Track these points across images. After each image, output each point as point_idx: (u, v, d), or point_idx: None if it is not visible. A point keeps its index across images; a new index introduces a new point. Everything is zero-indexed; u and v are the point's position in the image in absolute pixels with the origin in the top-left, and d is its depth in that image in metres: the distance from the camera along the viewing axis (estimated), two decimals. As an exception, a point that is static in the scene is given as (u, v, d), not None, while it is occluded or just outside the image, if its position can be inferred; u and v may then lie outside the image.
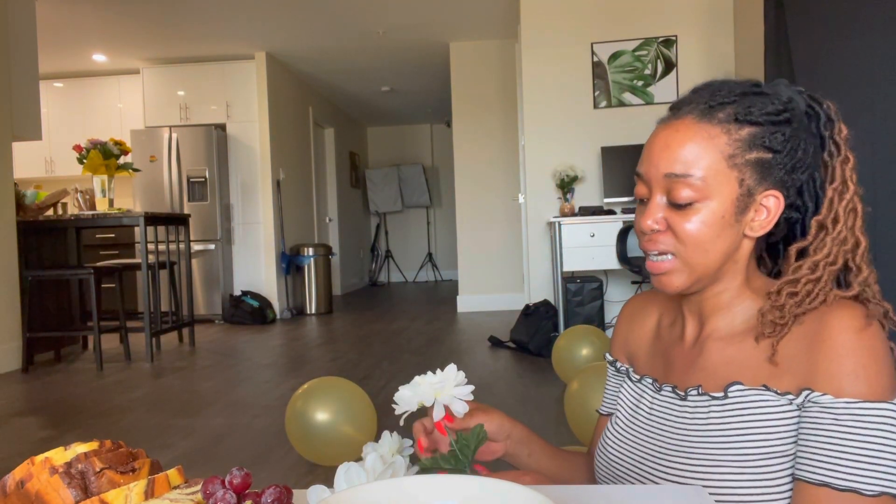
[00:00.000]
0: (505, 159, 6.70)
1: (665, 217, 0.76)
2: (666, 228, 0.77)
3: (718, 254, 0.76)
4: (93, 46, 6.55)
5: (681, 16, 4.92)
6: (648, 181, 0.78)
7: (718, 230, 0.75)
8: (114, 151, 4.57)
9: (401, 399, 0.77)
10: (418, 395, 0.76)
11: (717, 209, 0.74)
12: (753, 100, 0.76)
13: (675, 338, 0.86)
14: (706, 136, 0.75)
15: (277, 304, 6.91)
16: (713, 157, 0.74)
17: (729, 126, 0.75)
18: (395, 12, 5.81)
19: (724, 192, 0.74)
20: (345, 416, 2.29)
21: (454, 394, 0.76)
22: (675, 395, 0.81)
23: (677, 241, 0.76)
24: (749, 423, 0.72)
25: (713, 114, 0.75)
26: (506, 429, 0.86)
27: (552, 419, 2.85)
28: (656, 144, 0.77)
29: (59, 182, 6.95)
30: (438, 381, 0.76)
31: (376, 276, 10.96)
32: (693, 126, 0.75)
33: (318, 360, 4.58)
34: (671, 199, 0.75)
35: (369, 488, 0.56)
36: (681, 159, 0.75)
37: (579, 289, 4.57)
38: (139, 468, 0.62)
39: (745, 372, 0.75)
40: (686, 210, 0.75)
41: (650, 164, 0.77)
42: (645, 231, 0.78)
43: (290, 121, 7.54)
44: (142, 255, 4.60)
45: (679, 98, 0.80)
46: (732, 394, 0.74)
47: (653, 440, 0.81)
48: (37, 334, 4.51)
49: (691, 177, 0.74)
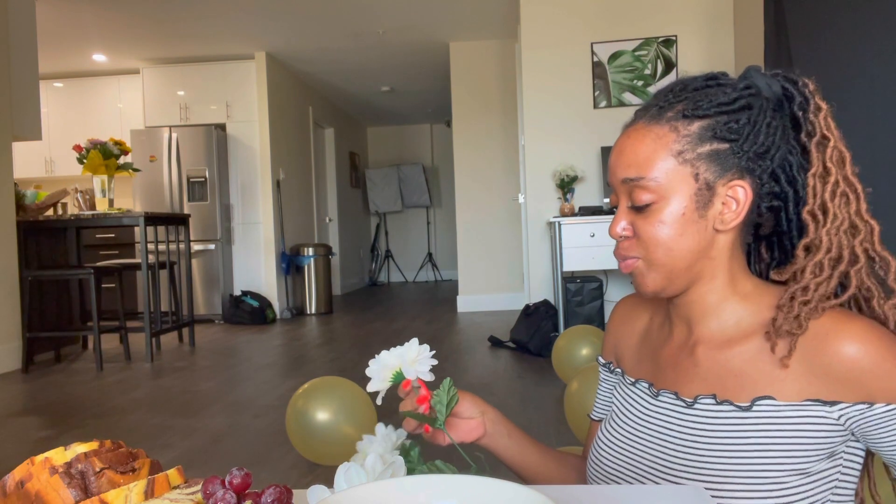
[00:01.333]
0: (505, 159, 6.70)
1: (630, 223, 0.78)
2: (633, 234, 0.78)
3: (685, 251, 0.76)
4: (93, 46, 6.55)
5: (681, 16, 4.92)
6: (614, 188, 0.80)
7: (681, 228, 0.75)
8: (114, 151, 4.57)
9: (372, 374, 0.82)
10: (384, 365, 0.81)
11: (676, 208, 0.75)
12: (705, 93, 0.76)
13: (664, 339, 0.85)
14: (654, 138, 0.75)
15: (277, 304, 6.91)
16: (663, 157, 0.75)
17: (676, 124, 0.75)
18: (395, 12, 5.81)
19: (680, 190, 0.74)
20: (345, 416, 2.29)
21: (418, 363, 0.81)
22: (679, 401, 0.78)
23: (642, 244, 0.77)
24: (775, 439, 0.71)
25: (662, 115, 0.76)
26: (479, 405, 0.88)
27: (552, 419, 2.85)
28: (614, 152, 0.79)
29: (59, 182, 6.95)
30: (400, 350, 0.82)
31: (376, 276, 10.96)
32: (642, 130, 0.77)
33: (318, 360, 4.58)
34: (632, 203, 0.77)
35: (369, 488, 0.56)
36: (633, 163, 0.76)
37: (579, 289, 4.57)
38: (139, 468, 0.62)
39: (764, 384, 0.73)
40: (647, 213, 0.76)
41: (611, 172, 0.80)
42: (614, 238, 0.80)
43: (290, 121, 7.54)
44: (142, 255, 4.60)
45: (643, 103, 0.81)
46: (760, 407, 0.72)
47: (650, 446, 0.80)
48: (37, 334, 4.51)
49: (644, 178, 0.75)
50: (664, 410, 0.80)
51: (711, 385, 0.76)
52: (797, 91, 0.78)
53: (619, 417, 0.86)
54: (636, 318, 0.92)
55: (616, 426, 0.86)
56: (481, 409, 0.88)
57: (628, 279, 0.82)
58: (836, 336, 0.70)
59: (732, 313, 0.78)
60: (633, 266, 0.79)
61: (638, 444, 0.81)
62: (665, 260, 0.76)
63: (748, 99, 0.75)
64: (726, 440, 0.73)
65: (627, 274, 0.80)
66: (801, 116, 0.77)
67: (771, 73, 0.79)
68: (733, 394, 0.74)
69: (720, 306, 0.79)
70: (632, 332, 0.92)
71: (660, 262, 0.76)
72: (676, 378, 0.80)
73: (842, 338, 0.69)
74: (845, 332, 0.70)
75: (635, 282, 0.80)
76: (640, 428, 0.82)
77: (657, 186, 0.75)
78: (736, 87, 0.76)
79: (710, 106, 0.74)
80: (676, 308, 0.82)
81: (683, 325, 0.82)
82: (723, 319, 0.79)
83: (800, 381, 0.71)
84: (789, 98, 0.78)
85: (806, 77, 0.78)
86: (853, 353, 0.68)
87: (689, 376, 0.79)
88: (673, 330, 0.84)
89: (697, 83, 0.77)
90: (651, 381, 0.84)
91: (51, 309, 4.83)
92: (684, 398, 0.78)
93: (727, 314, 0.78)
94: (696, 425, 0.76)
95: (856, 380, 0.69)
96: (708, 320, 0.79)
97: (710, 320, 0.79)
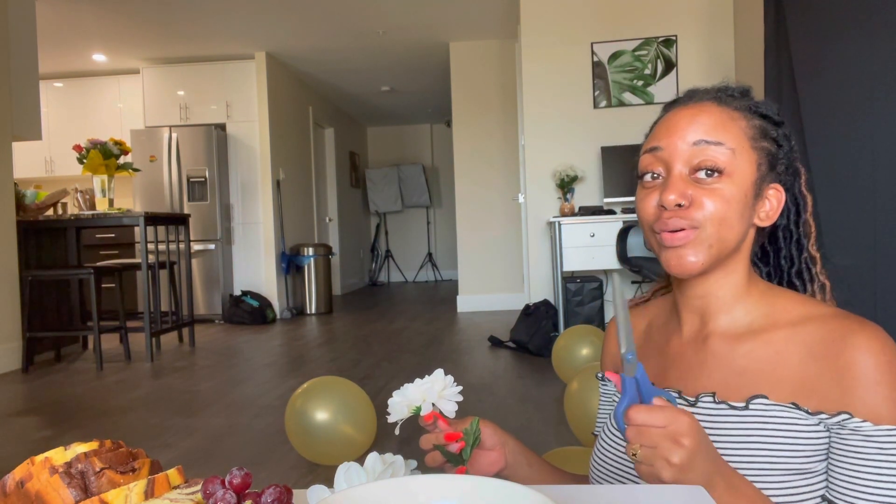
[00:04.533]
0: (505, 159, 6.70)
1: (690, 193, 0.73)
2: (689, 204, 0.73)
3: (738, 234, 0.75)
4: (93, 46, 6.55)
5: (681, 16, 4.92)
6: (670, 154, 0.75)
7: (741, 210, 0.74)
8: (114, 151, 4.57)
9: (393, 406, 0.78)
10: (407, 398, 0.77)
11: (739, 187, 0.74)
12: (752, 99, 0.80)
13: (669, 334, 0.85)
14: (729, 118, 0.76)
15: (277, 304, 6.91)
16: (738, 135, 0.75)
17: (745, 113, 0.77)
18: (395, 12, 5.81)
19: (745, 172, 0.75)
20: (345, 416, 2.29)
21: (443, 395, 0.77)
22: (682, 400, 0.78)
23: (702, 216, 0.73)
24: (770, 438, 0.71)
25: (730, 102, 0.77)
26: (500, 436, 0.84)
27: (552, 419, 2.85)
28: (682, 118, 0.76)
29: (59, 182, 6.95)
30: (426, 384, 0.77)
31: (376, 275, 10.96)
32: (715, 107, 0.77)
33: (318, 360, 4.58)
34: (701, 166, 0.73)
35: (369, 488, 0.56)
36: (712, 129, 0.75)
37: (579, 289, 4.57)
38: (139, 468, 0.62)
39: (764, 384, 0.73)
40: (712, 183, 0.73)
41: (675, 136, 0.75)
42: (668, 206, 0.73)
43: (290, 121, 7.54)
44: (142, 255, 4.60)
45: (687, 91, 0.82)
46: (755, 407, 0.72)
47: None
48: (37, 334, 4.51)
49: (723, 145, 0.74)
50: None
51: (716, 382, 0.77)
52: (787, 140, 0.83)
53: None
54: (633, 328, 0.92)
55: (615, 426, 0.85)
56: (502, 440, 0.85)
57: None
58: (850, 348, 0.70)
59: (745, 311, 0.78)
60: (688, 238, 0.73)
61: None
62: (721, 237, 0.74)
63: (781, 117, 0.80)
64: (726, 439, 0.73)
65: (671, 246, 0.74)
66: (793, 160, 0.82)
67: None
68: (735, 391, 0.74)
69: (734, 302, 0.79)
70: None
71: (715, 237, 0.73)
72: (682, 374, 0.80)
73: (853, 344, 0.70)
74: (860, 344, 0.69)
75: (678, 256, 0.74)
76: None
77: (731, 159, 0.74)
78: (770, 106, 0.80)
79: (767, 111, 0.78)
80: (688, 301, 0.81)
81: (696, 318, 0.82)
82: (735, 317, 0.79)
83: (794, 384, 0.72)
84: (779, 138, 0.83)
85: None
86: (855, 357, 0.69)
87: (696, 372, 0.79)
88: (682, 324, 0.83)
89: (742, 89, 0.80)
90: (653, 381, 0.84)
91: (51, 309, 4.83)
92: (687, 397, 0.78)
93: (740, 311, 0.78)
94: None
95: (847, 387, 0.69)
96: (720, 316, 0.79)
97: (721, 316, 0.79)
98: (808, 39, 3.00)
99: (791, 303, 0.77)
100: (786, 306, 0.77)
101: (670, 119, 0.77)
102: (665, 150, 0.75)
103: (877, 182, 2.57)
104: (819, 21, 2.96)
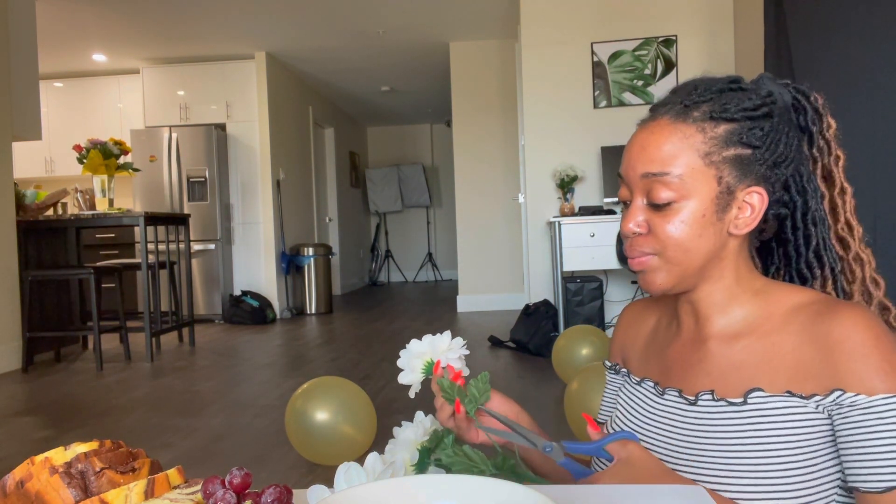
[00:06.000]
0: (505, 159, 6.70)
1: (646, 219, 0.76)
2: (648, 231, 0.76)
3: (701, 253, 0.76)
4: (93, 46, 6.55)
5: (681, 16, 4.92)
6: (629, 183, 0.78)
7: (700, 229, 0.75)
8: (114, 151, 4.57)
9: (404, 363, 0.85)
10: (415, 354, 0.84)
11: (696, 208, 0.74)
12: (730, 96, 0.76)
13: (671, 337, 0.85)
14: (682, 136, 0.75)
15: (277, 304, 6.91)
16: (690, 156, 0.74)
17: (704, 124, 0.75)
18: (395, 12, 5.81)
19: (702, 191, 0.74)
20: (345, 416, 2.29)
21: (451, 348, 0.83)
22: (682, 399, 0.79)
23: (658, 242, 0.76)
24: (770, 431, 0.71)
25: (688, 113, 0.75)
26: (513, 407, 0.87)
27: (552, 419, 2.85)
28: (634, 146, 0.78)
29: (59, 182, 6.94)
30: (432, 339, 0.84)
31: (376, 275, 10.96)
32: (668, 126, 0.75)
33: (318, 360, 4.58)
34: (650, 199, 0.76)
35: (369, 488, 0.56)
36: (657, 159, 0.75)
37: (579, 289, 4.57)
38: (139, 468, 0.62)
39: (760, 377, 0.73)
40: (666, 210, 0.75)
41: (628, 166, 0.78)
42: (627, 234, 0.78)
43: (290, 121, 7.54)
44: (142, 255, 4.60)
45: (659, 99, 0.80)
46: (753, 400, 0.72)
47: (654, 444, 0.80)
48: (37, 334, 4.51)
49: (668, 175, 0.74)
50: (668, 409, 0.80)
51: (715, 380, 0.77)
52: (809, 104, 0.80)
53: (624, 416, 0.86)
54: (644, 321, 0.93)
55: (621, 425, 0.86)
56: (516, 411, 0.87)
57: (629, 279, 0.83)
58: (836, 326, 0.70)
59: (740, 310, 0.79)
60: (646, 264, 0.77)
61: (643, 442, 0.81)
62: (681, 259, 0.76)
63: (770, 107, 0.76)
64: (726, 436, 0.73)
65: (636, 271, 0.79)
66: (814, 130, 0.79)
67: (782, 83, 0.80)
68: (733, 387, 0.75)
69: (728, 304, 0.79)
70: (639, 334, 0.92)
71: (675, 261, 0.76)
72: (683, 375, 0.81)
73: (840, 321, 0.70)
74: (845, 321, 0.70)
75: (644, 279, 0.79)
76: (645, 426, 0.82)
77: (680, 185, 0.74)
78: (759, 94, 0.77)
79: (738, 110, 0.75)
80: (684, 304, 0.83)
81: (692, 320, 0.82)
82: (730, 316, 0.79)
83: (788, 372, 0.72)
84: (798, 109, 0.80)
85: (816, 92, 0.80)
86: (842, 334, 0.70)
87: (695, 372, 0.79)
88: (681, 327, 0.84)
89: (721, 85, 0.77)
90: (657, 381, 0.84)
91: (51, 309, 4.83)
92: (687, 396, 0.79)
93: (735, 311, 0.79)
94: (699, 422, 0.76)
95: (837, 364, 0.69)
96: (716, 317, 0.80)
97: (717, 317, 0.80)
98: (808, 39, 3.00)
99: (785, 294, 0.77)
100: (780, 298, 0.77)
101: (630, 142, 0.79)
102: (625, 179, 0.79)
103: (877, 182, 2.57)
104: (819, 21, 2.96)
